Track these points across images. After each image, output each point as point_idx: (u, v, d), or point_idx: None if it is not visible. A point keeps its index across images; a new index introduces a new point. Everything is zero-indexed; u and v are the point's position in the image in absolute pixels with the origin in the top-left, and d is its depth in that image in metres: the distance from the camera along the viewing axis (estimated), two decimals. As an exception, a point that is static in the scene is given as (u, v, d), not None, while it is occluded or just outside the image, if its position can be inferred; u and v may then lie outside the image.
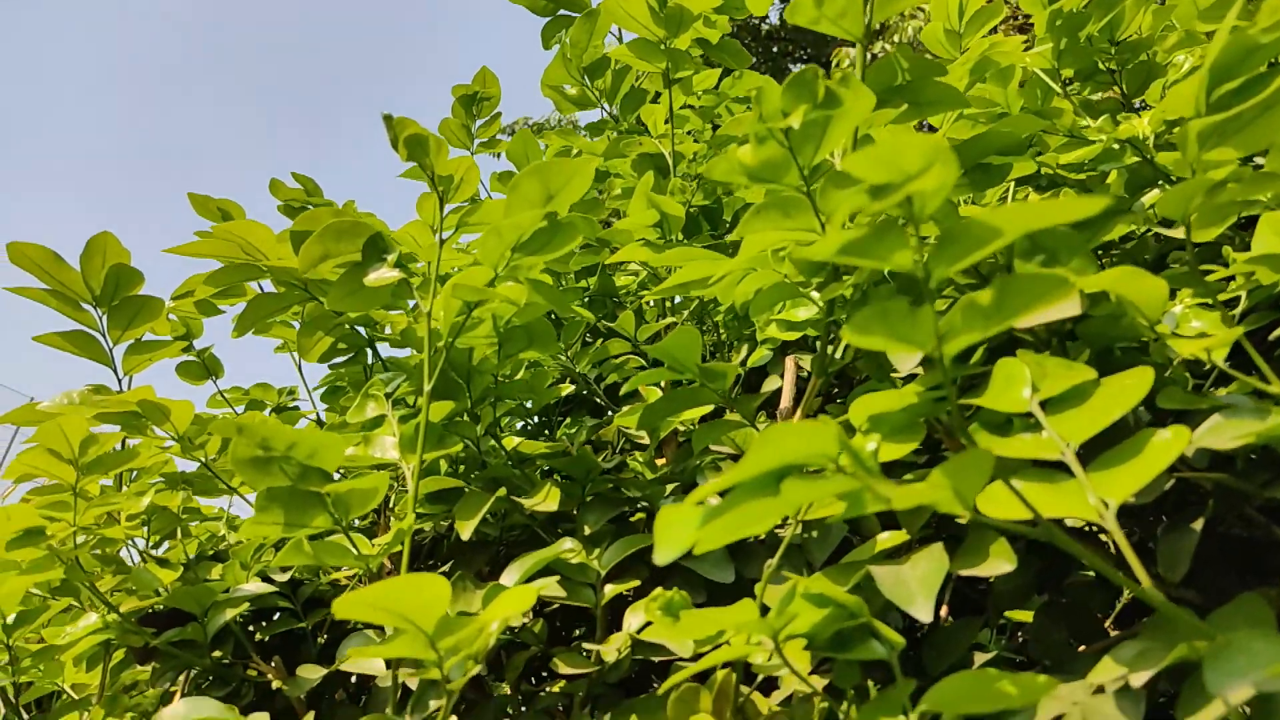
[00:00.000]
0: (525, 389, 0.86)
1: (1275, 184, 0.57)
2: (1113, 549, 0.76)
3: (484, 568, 0.91)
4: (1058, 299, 0.41)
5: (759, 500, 0.43)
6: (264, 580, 0.92)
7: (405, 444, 0.76)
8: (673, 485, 0.85)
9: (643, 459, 0.89)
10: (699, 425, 0.78)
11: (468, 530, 0.73)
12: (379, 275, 0.78)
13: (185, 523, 1.00)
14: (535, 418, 1.19)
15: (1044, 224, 0.38)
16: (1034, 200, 0.85)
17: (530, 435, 1.16)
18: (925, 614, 0.52)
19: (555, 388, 0.90)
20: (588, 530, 0.79)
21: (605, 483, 0.83)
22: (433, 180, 0.79)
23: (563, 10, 1.27)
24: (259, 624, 0.97)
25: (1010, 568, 0.55)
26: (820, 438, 0.43)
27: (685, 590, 0.61)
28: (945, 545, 0.58)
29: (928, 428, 0.60)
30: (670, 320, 0.99)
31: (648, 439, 0.91)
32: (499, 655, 0.85)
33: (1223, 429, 0.51)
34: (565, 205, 0.71)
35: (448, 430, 0.81)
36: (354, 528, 0.69)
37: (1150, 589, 0.45)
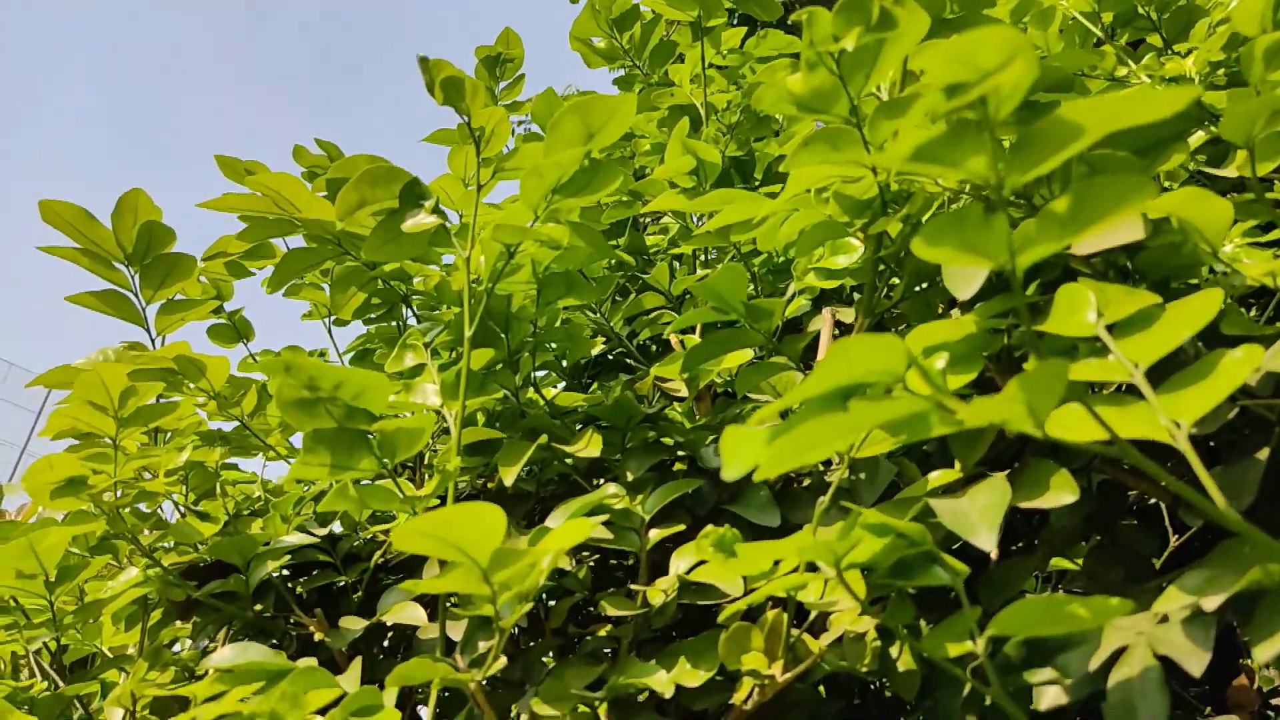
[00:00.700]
0: (564, 336, 0.85)
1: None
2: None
3: (521, 521, 0.91)
4: (1139, 200, 0.39)
5: (827, 417, 0.41)
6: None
7: (447, 390, 0.75)
8: (712, 437, 0.84)
9: (681, 409, 0.88)
10: (743, 369, 0.77)
11: (511, 476, 0.73)
12: (417, 221, 0.77)
13: (223, 481, 1.00)
14: (566, 380, 1.18)
15: (1130, 120, 0.37)
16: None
17: (562, 394, 1.15)
18: (989, 544, 0.52)
19: (590, 341, 0.89)
20: (630, 477, 0.78)
21: (645, 431, 0.82)
22: (468, 124, 0.78)
23: (591, -39, 1.26)
24: (298, 580, 0.97)
25: (1073, 498, 0.54)
26: (889, 351, 0.42)
27: (735, 530, 0.60)
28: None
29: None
30: (705, 273, 0.98)
31: (685, 390, 0.90)
32: (542, 604, 0.85)
33: (1295, 350, 0.50)
34: (605, 144, 0.69)
35: (487, 379, 0.80)
36: (399, 473, 0.69)
37: (1227, 509, 0.44)
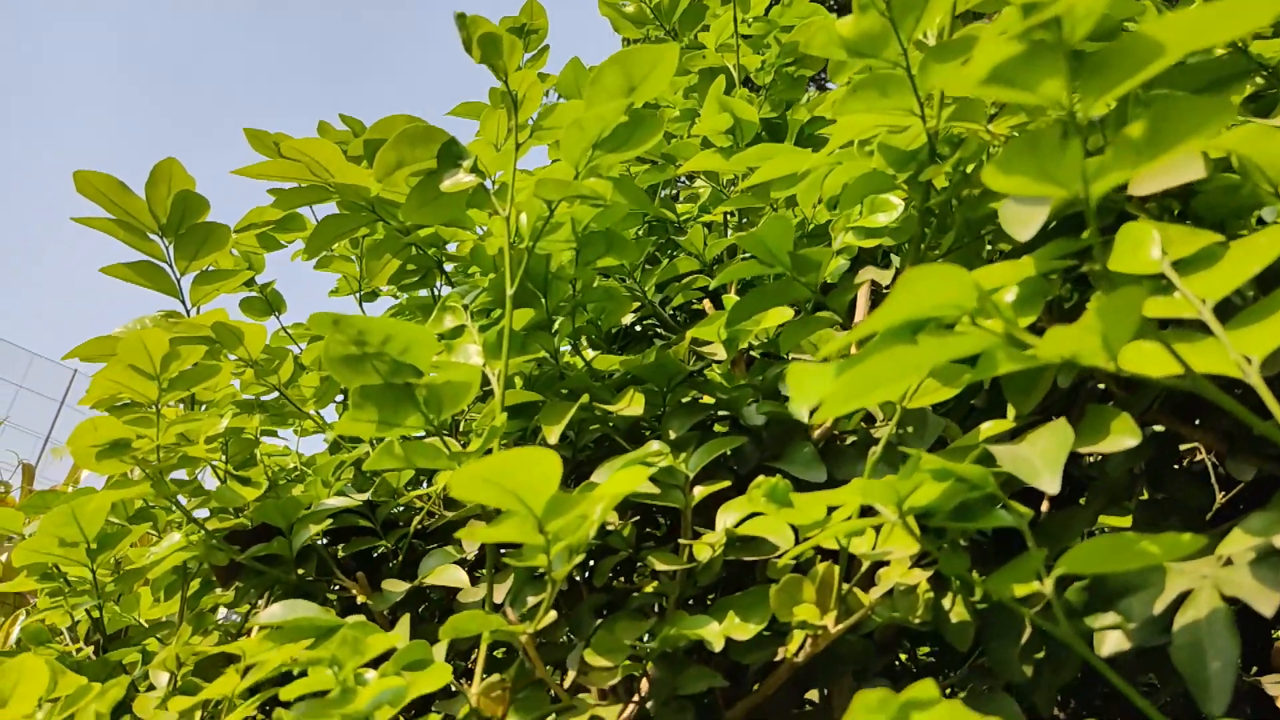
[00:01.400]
0: (603, 296, 0.85)
1: None
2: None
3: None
4: (1220, 121, 0.38)
5: (895, 350, 0.41)
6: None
7: (489, 350, 0.75)
8: (753, 396, 0.83)
9: (720, 371, 0.87)
10: (787, 325, 0.76)
11: (554, 434, 0.73)
12: (455, 180, 0.76)
13: (261, 451, 1.00)
14: (598, 351, 1.18)
15: (1216, 35, 0.36)
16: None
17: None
18: (1052, 486, 0.51)
19: (629, 300, 0.89)
20: (672, 435, 0.78)
21: (686, 391, 0.81)
22: (505, 82, 0.77)
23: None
24: (336, 547, 0.97)
25: (1135, 441, 0.54)
26: (958, 283, 0.41)
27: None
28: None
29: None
30: (741, 234, 0.97)
31: (723, 353, 0.90)
32: (580, 569, 0.85)
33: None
34: (648, 96, 0.69)
35: (527, 340, 0.80)
36: (444, 431, 0.68)
37: (1303, 441, 0.43)
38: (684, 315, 1.24)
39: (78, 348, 0.99)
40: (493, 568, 0.67)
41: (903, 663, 0.80)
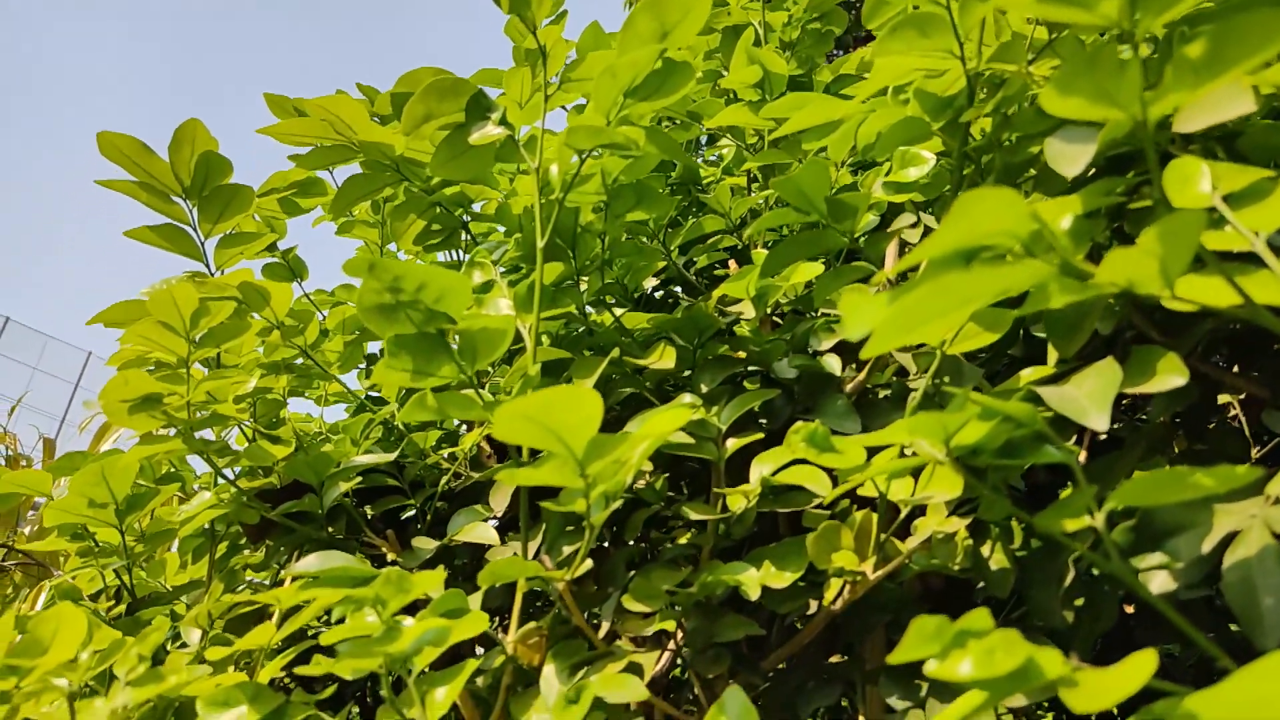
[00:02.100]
0: (633, 250, 0.84)
1: None
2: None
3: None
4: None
5: (950, 278, 0.40)
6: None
7: (520, 303, 0.74)
8: (785, 350, 0.83)
9: (749, 328, 0.87)
10: (821, 276, 0.75)
11: (586, 386, 0.72)
12: (484, 133, 0.76)
13: (287, 420, 1.01)
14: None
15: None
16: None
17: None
18: (1101, 423, 0.50)
19: (658, 254, 0.88)
20: (704, 389, 0.77)
21: (717, 346, 0.81)
22: (535, 34, 0.76)
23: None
24: (364, 507, 0.97)
25: (1183, 380, 0.53)
26: (1014, 209, 0.41)
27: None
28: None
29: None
30: (768, 193, 0.96)
31: (752, 310, 0.89)
32: (607, 529, 0.85)
33: None
34: (682, 42, 0.68)
35: (557, 295, 0.80)
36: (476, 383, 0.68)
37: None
38: (705, 281, 1.23)
39: (103, 312, 0.98)
40: (527, 518, 0.67)
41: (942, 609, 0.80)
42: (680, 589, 0.63)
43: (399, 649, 0.51)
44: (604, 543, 0.88)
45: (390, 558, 0.86)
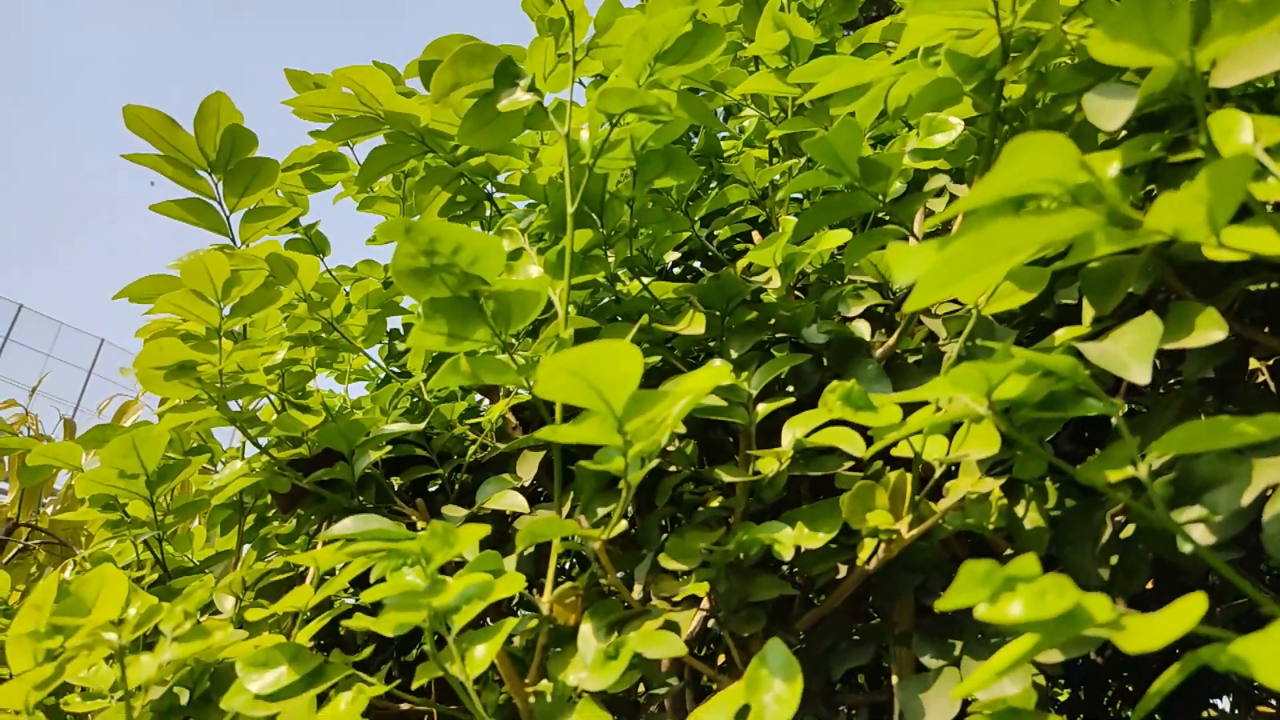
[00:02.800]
0: (661, 216, 0.84)
1: None
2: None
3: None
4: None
5: (998, 225, 0.40)
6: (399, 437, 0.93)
7: (550, 269, 0.75)
8: (814, 316, 0.83)
9: (776, 296, 0.87)
10: (853, 240, 0.75)
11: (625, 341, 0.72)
12: (513, 99, 0.76)
13: (314, 392, 1.01)
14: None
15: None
16: None
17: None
18: (1142, 376, 0.50)
19: (686, 221, 0.88)
20: (733, 355, 0.77)
21: (746, 312, 0.81)
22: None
23: None
24: (392, 477, 0.98)
25: (1222, 335, 0.53)
26: (1063, 155, 0.40)
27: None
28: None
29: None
30: (793, 161, 0.96)
31: (779, 279, 0.89)
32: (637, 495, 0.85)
33: None
34: (710, 4, 0.68)
35: (586, 262, 0.80)
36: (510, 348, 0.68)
37: None
38: (726, 255, 1.23)
39: (129, 286, 0.99)
40: (561, 480, 0.67)
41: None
42: (715, 547, 0.64)
43: (444, 602, 0.52)
44: (631, 514, 0.89)
45: (420, 526, 0.86)
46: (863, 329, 0.77)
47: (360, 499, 0.90)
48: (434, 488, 1.01)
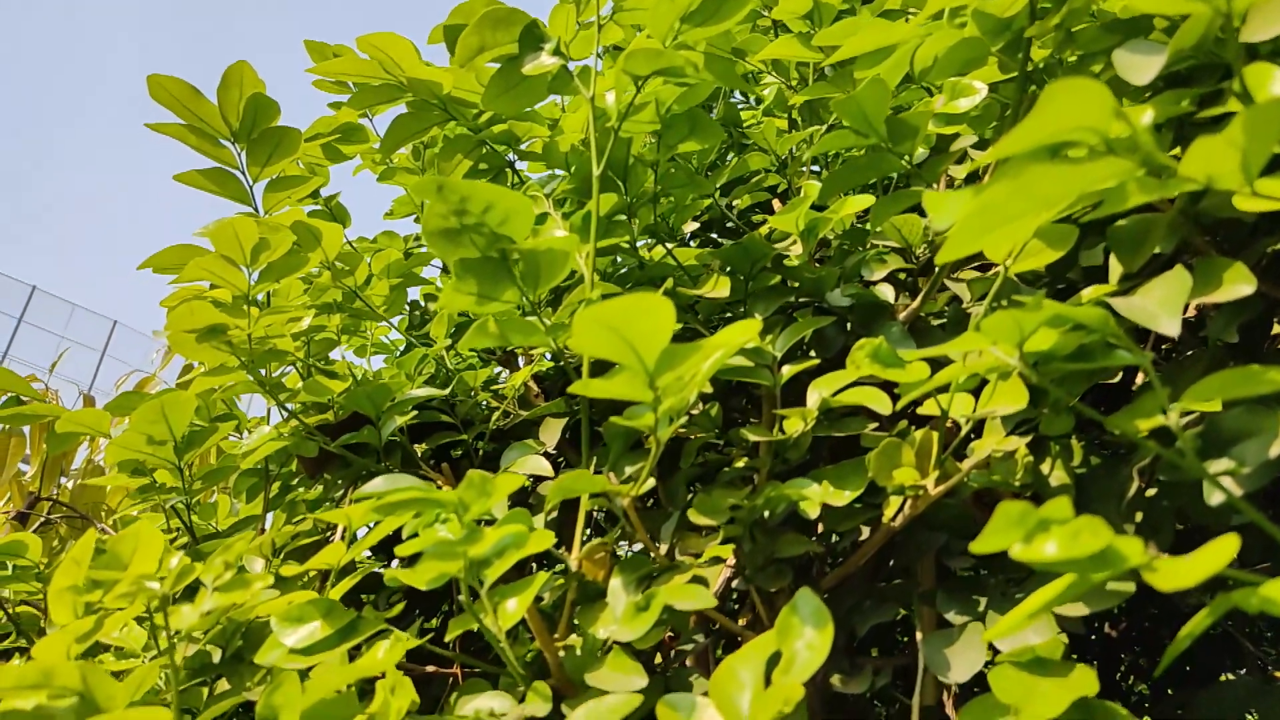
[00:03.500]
0: (685, 180, 0.85)
1: None
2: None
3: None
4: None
5: (1037, 171, 0.40)
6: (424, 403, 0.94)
7: (576, 233, 0.75)
8: (838, 279, 0.83)
9: (798, 260, 0.87)
10: (878, 202, 0.75)
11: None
12: (538, 63, 0.76)
13: (339, 362, 1.02)
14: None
15: None
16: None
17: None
18: (1172, 328, 0.51)
19: (708, 186, 0.88)
20: (758, 318, 0.78)
21: (770, 276, 0.81)
22: (588, -38, 0.76)
23: None
24: (416, 445, 0.99)
25: (1250, 289, 0.53)
26: (1099, 102, 0.41)
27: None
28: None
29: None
30: (814, 129, 0.96)
31: (800, 245, 0.89)
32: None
33: None
34: (739, -35, 0.68)
35: (611, 227, 0.80)
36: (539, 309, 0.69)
37: None
38: (745, 226, 1.24)
39: (155, 255, 1.00)
40: (589, 439, 0.68)
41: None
42: (744, 502, 0.64)
43: (480, 551, 0.53)
44: (656, 479, 0.90)
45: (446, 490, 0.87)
46: (886, 292, 0.77)
47: (386, 464, 0.91)
48: (457, 454, 1.02)
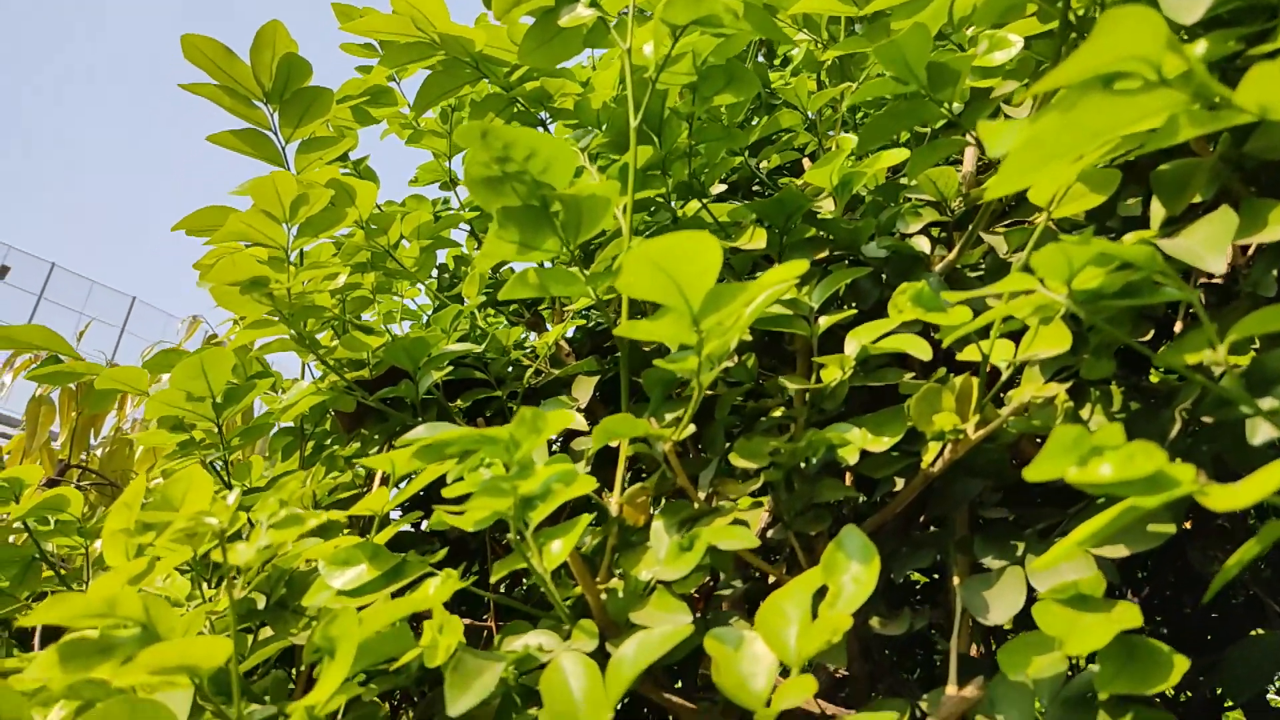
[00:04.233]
0: (721, 133, 0.85)
1: None
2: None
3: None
4: None
5: (1093, 101, 0.41)
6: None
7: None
8: (873, 231, 0.83)
9: (831, 214, 0.87)
10: (916, 152, 0.75)
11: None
12: (574, 15, 0.76)
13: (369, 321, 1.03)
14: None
15: None
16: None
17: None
18: (1218, 266, 0.51)
19: (744, 139, 0.88)
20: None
21: (806, 229, 0.81)
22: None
23: None
24: (450, 403, 1.00)
25: (1298, 228, 0.53)
26: (1155, 30, 0.41)
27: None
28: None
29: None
30: (847, 85, 0.96)
31: (833, 203, 0.89)
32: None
33: None
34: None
35: (647, 180, 0.81)
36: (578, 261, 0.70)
37: None
38: (774, 188, 1.24)
39: (187, 218, 1.01)
40: (628, 387, 0.69)
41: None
42: (785, 445, 0.65)
43: (531, 487, 0.54)
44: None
45: (482, 443, 0.88)
46: (923, 244, 0.77)
47: (422, 419, 0.92)
48: (489, 414, 1.03)
